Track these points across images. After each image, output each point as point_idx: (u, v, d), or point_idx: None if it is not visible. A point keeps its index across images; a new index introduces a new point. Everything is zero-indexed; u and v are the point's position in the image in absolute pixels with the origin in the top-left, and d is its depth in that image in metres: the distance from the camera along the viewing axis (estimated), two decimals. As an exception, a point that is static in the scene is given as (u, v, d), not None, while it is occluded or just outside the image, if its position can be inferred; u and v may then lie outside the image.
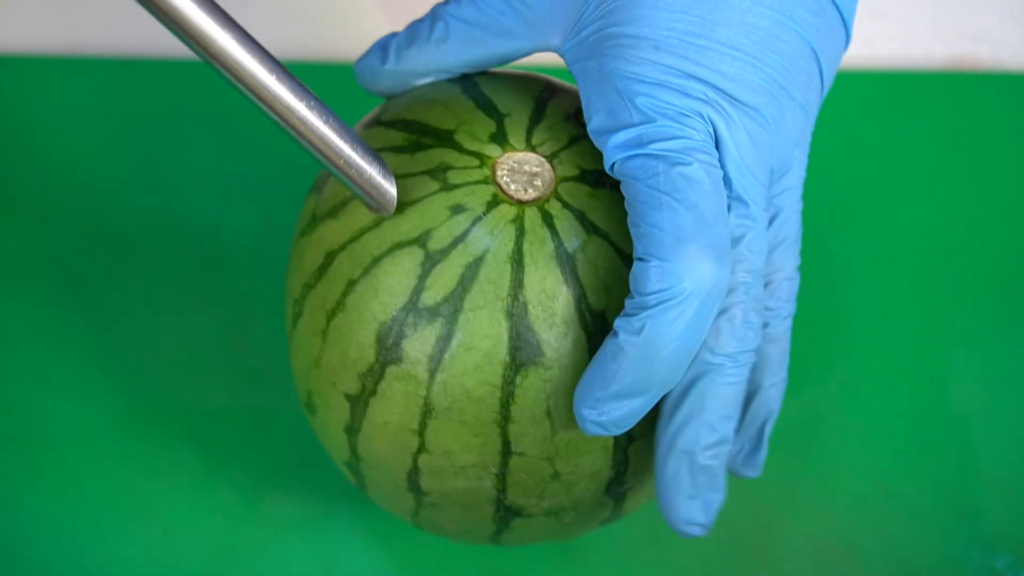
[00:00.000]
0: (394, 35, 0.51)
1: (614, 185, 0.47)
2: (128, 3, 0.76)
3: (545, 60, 0.54)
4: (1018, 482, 0.63)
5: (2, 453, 0.62)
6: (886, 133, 0.74)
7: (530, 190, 0.47)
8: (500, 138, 0.48)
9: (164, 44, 0.72)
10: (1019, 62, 0.77)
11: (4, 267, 0.67)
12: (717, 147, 0.45)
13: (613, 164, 0.45)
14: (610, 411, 0.45)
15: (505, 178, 0.47)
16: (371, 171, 0.46)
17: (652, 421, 0.48)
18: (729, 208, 0.45)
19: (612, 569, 0.60)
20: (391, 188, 0.47)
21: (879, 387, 0.66)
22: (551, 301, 0.46)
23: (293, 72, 0.44)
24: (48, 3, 0.76)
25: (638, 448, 0.49)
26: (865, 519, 0.62)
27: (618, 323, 0.44)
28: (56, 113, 0.72)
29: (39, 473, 0.62)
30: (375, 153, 0.46)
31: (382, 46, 0.51)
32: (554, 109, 0.49)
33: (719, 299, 0.44)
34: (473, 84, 0.50)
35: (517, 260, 0.46)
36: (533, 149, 0.48)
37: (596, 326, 0.46)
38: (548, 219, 0.47)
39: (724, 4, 0.45)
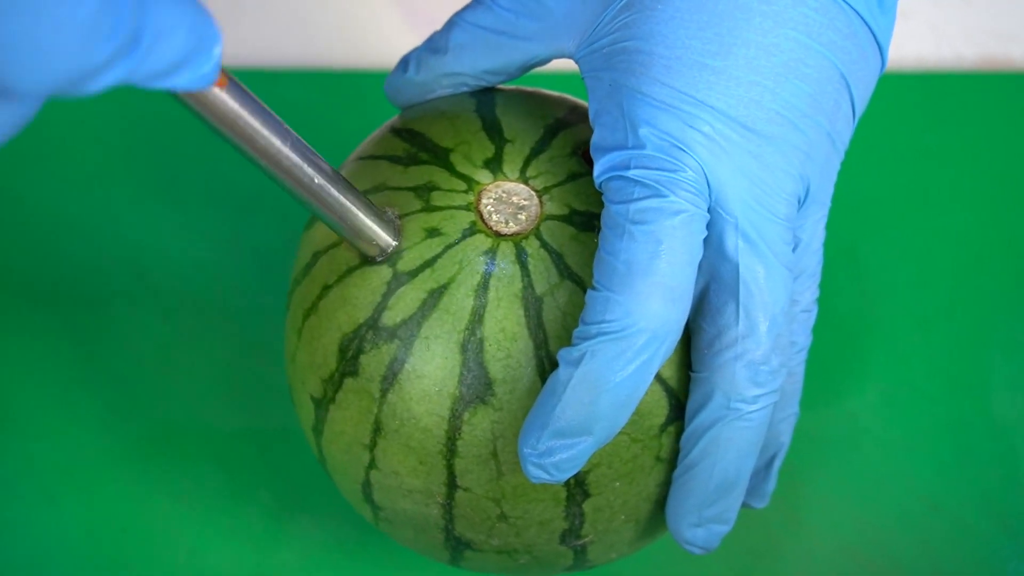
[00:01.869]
0: (416, 48, 0.51)
1: None
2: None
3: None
4: (1065, 492, 0.63)
5: (23, 476, 0.61)
6: (917, 136, 0.73)
7: (512, 223, 0.46)
8: (495, 165, 0.47)
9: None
10: (1052, 61, 0.76)
11: (21, 284, 0.66)
12: (716, 185, 0.43)
13: (600, 182, 0.44)
14: (551, 451, 0.43)
15: (489, 207, 0.46)
16: (365, 221, 0.45)
17: (610, 479, 0.47)
18: (737, 248, 0.44)
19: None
20: (389, 239, 0.46)
21: (919, 396, 0.65)
22: (509, 342, 0.45)
23: (316, 79, 0.43)
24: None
25: (596, 504, 0.47)
26: (907, 532, 0.61)
27: (560, 353, 0.43)
28: (73, 126, 0.72)
29: (60, 496, 0.61)
30: (369, 203, 0.45)
31: (404, 60, 0.51)
32: (563, 140, 0.48)
33: (667, 341, 0.43)
34: (490, 102, 0.50)
35: (481, 295, 0.45)
36: (526, 181, 0.47)
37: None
38: (522, 257, 0.46)
39: (744, 23, 0.44)
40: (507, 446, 0.45)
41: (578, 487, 0.46)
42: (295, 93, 0.72)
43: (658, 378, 0.46)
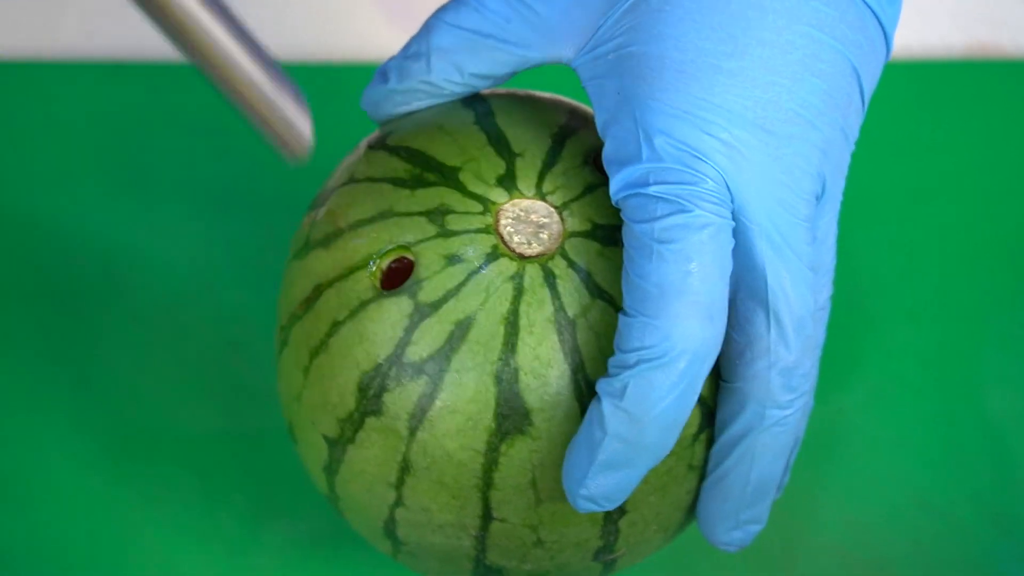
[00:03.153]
0: (393, 58, 0.48)
1: None
2: (113, 4, 0.75)
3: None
4: (1058, 489, 0.62)
5: (-11, 482, 0.61)
6: (905, 127, 0.72)
7: (534, 244, 0.45)
8: (508, 182, 0.46)
9: (153, 47, 0.71)
10: (1042, 48, 0.76)
11: (-13, 285, 0.66)
12: (737, 192, 0.42)
13: (618, 200, 0.43)
14: (599, 484, 0.43)
15: (509, 228, 0.45)
16: (285, 107, 0.40)
17: (645, 494, 0.46)
18: (763, 254, 0.43)
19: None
20: (304, 129, 0.40)
21: (909, 392, 0.64)
22: (545, 369, 0.44)
23: (295, 73, 0.41)
24: (28, 6, 0.75)
25: (632, 520, 0.46)
26: (897, 531, 0.61)
27: (600, 385, 0.42)
28: (39, 121, 0.71)
29: (29, 504, 0.60)
30: (291, 84, 0.41)
31: (382, 71, 0.49)
32: (572, 149, 0.47)
33: (708, 360, 0.42)
34: (487, 112, 0.48)
35: (512, 322, 0.44)
36: (543, 197, 0.45)
37: (592, 398, 0.44)
38: (550, 279, 0.44)
39: (758, 22, 0.42)
40: (546, 474, 0.44)
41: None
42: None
43: None
